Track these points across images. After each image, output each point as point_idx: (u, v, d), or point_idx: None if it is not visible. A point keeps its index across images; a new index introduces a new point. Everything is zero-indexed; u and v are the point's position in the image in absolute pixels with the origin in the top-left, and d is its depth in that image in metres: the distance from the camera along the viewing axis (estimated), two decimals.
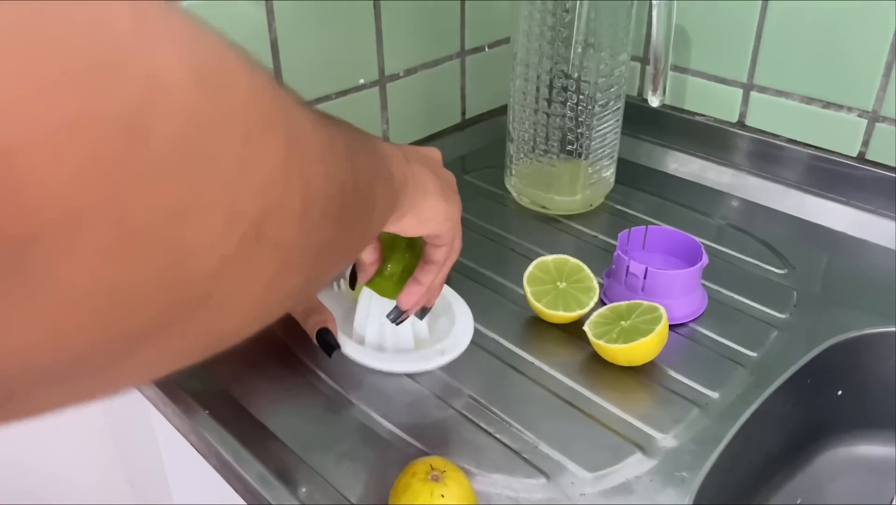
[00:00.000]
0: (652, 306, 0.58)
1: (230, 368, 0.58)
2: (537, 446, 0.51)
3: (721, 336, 0.61)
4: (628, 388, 0.56)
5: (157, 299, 0.17)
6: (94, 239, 0.15)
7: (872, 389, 0.64)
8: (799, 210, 0.79)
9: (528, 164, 0.78)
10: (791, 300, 0.65)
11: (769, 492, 0.63)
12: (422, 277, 0.51)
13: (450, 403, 0.55)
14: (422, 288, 0.51)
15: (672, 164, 0.88)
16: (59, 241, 0.14)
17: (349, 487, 0.48)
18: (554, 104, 0.73)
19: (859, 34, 0.73)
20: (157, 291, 0.17)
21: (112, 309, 0.16)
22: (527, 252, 0.72)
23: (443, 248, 0.49)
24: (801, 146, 0.81)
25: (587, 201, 0.79)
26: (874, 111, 0.75)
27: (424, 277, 0.51)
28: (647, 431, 0.52)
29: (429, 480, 0.43)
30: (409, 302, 0.52)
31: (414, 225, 0.44)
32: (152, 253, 0.16)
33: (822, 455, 0.66)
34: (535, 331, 0.62)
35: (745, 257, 0.71)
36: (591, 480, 0.48)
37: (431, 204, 0.44)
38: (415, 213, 0.43)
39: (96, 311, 0.16)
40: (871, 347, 0.62)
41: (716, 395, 0.55)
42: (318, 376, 0.57)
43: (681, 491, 0.48)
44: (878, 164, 0.76)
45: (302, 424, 0.53)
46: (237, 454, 0.50)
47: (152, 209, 0.16)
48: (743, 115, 0.85)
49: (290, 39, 0.73)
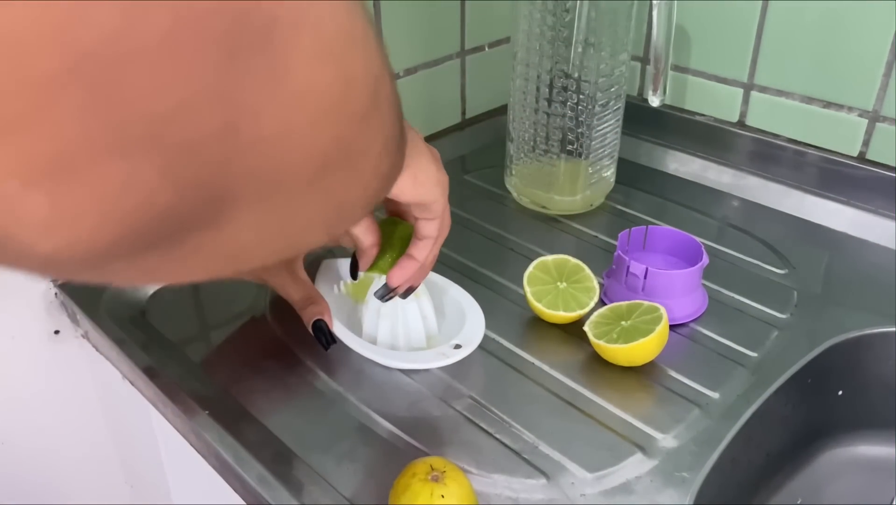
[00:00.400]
0: (652, 306, 0.58)
1: (230, 368, 0.58)
2: (537, 447, 0.51)
3: (721, 336, 0.61)
4: (628, 388, 0.56)
5: (344, 112, 0.19)
6: (310, 39, 0.17)
7: (872, 389, 0.64)
8: (799, 210, 0.79)
9: (529, 164, 0.78)
10: (791, 300, 0.65)
11: (769, 492, 0.63)
12: (415, 253, 0.51)
13: (450, 404, 0.55)
14: (416, 264, 0.52)
15: (672, 164, 0.88)
16: (291, 27, 0.16)
17: (349, 487, 0.48)
18: (554, 104, 0.73)
19: (860, 34, 0.73)
20: (345, 104, 0.19)
21: (324, 112, 0.18)
22: (527, 252, 0.72)
23: (434, 221, 0.50)
24: (801, 146, 0.81)
25: (587, 201, 0.79)
26: (875, 111, 0.75)
27: (419, 253, 0.51)
28: (648, 431, 0.52)
29: (429, 481, 0.43)
30: (401, 277, 0.52)
31: (409, 185, 0.45)
32: (342, 66, 0.18)
33: (822, 455, 0.66)
34: (536, 331, 0.62)
35: (745, 257, 0.71)
36: (592, 481, 0.48)
37: (425, 165, 0.45)
38: (411, 170, 0.44)
39: (316, 110, 0.18)
40: (872, 347, 0.62)
41: (716, 395, 0.55)
42: (318, 376, 0.57)
43: (681, 491, 0.48)
44: (879, 164, 0.76)
45: (302, 424, 0.53)
46: (237, 454, 0.50)
47: (339, 31, 0.18)
48: (743, 114, 0.85)
49: None
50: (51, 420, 0.71)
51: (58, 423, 0.72)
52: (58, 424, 0.72)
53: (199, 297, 0.67)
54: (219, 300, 0.66)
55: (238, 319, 0.64)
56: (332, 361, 0.58)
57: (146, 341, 0.61)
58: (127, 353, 0.59)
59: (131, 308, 0.65)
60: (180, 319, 0.64)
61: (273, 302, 0.65)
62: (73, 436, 0.73)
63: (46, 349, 0.68)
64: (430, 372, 0.57)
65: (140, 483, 0.79)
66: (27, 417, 0.70)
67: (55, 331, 0.68)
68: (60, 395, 0.71)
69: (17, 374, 0.68)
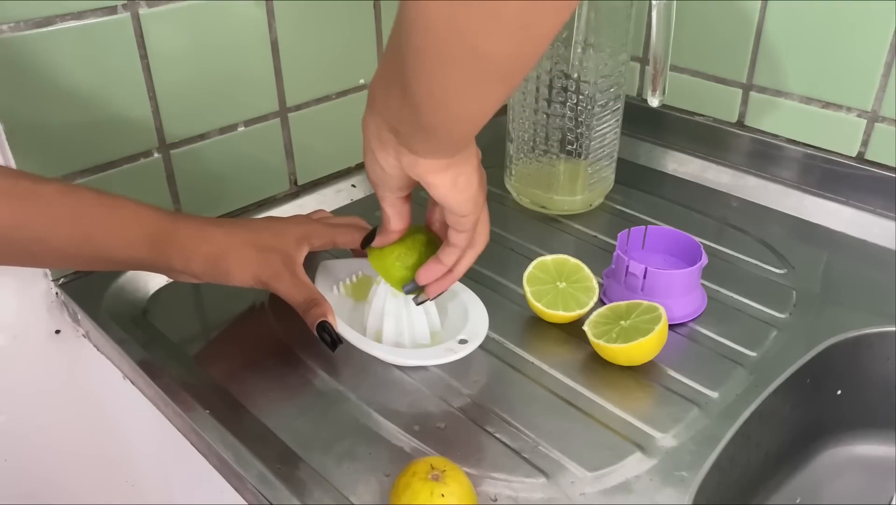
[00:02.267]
0: (651, 306, 0.58)
1: (231, 368, 0.58)
2: (537, 446, 0.51)
3: (720, 336, 0.61)
4: (628, 387, 0.56)
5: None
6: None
7: (872, 388, 0.64)
8: (798, 210, 0.79)
9: (528, 164, 0.78)
10: (790, 300, 0.65)
11: (768, 492, 0.63)
12: (444, 258, 0.53)
13: (450, 403, 0.55)
14: (443, 267, 0.53)
15: (672, 164, 0.88)
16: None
17: (349, 487, 0.48)
18: (554, 104, 0.73)
19: (859, 34, 0.73)
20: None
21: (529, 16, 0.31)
22: (527, 252, 0.72)
23: (464, 234, 0.51)
24: (800, 146, 0.81)
25: (587, 201, 0.79)
26: (873, 111, 0.75)
27: (447, 258, 0.53)
28: (647, 430, 0.52)
29: (429, 480, 0.43)
30: (427, 277, 0.53)
31: (448, 184, 0.46)
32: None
33: (821, 455, 0.66)
34: (535, 331, 0.62)
35: (744, 257, 0.72)
36: (591, 480, 0.48)
37: (469, 174, 0.47)
38: (454, 172, 0.46)
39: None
40: (871, 346, 0.62)
41: (715, 394, 0.55)
42: (318, 376, 0.57)
43: (680, 490, 0.48)
44: (878, 164, 0.76)
45: (302, 423, 0.53)
46: (238, 453, 0.50)
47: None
48: (742, 115, 0.85)
49: (290, 39, 0.73)
50: (52, 419, 0.71)
51: (59, 422, 0.72)
52: (59, 424, 0.72)
53: (200, 296, 0.67)
54: (220, 300, 0.66)
55: (239, 318, 0.64)
56: (332, 360, 0.58)
57: (147, 341, 0.61)
58: (128, 352, 0.59)
59: (132, 308, 0.65)
60: (181, 318, 0.64)
61: (273, 301, 0.65)
62: (74, 435, 0.73)
63: (47, 349, 0.68)
64: (429, 371, 0.58)
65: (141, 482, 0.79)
66: (28, 416, 0.70)
67: (56, 330, 0.68)
68: (61, 394, 0.71)
69: (18, 373, 0.68)
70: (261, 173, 0.77)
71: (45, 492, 0.74)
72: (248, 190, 0.77)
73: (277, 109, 0.76)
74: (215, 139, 0.72)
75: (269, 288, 0.58)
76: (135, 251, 0.55)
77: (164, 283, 0.67)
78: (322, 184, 0.83)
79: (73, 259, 0.55)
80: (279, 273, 0.57)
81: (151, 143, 0.68)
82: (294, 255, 0.59)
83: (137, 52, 0.64)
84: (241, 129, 0.74)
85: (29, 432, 0.70)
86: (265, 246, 0.58)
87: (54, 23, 0.58)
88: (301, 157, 0.80)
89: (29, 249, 0.51)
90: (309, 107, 0.78)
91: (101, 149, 0.65)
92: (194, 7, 0.65)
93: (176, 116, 0.68)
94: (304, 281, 0.58)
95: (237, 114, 0.73)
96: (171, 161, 0.70)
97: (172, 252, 0.56)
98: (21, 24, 0.57)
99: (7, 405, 0.68)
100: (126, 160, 0.67)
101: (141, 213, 0.55)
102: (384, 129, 0.45)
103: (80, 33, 0.60)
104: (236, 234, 0.58)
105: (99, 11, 0.60)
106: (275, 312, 0.64)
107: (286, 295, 0.57)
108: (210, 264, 0.57)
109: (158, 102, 0.67)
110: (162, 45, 0.65)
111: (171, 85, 0.67)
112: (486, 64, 0.34)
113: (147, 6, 0.63)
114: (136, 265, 0.57)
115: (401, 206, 0.52)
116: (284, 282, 0.57)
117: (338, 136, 0.82)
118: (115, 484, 0.79)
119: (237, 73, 0.71)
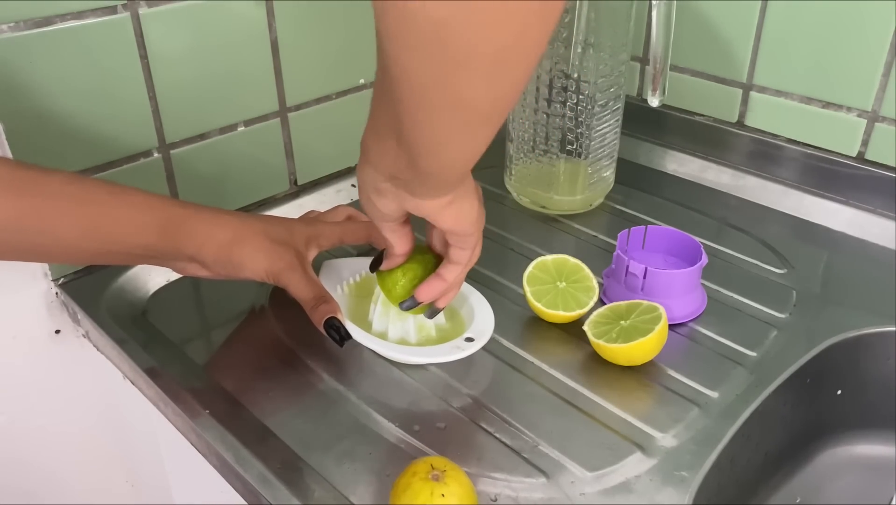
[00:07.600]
0: (651, 306, 0.58)
1: (231, 368, 0.58)
2: (537, 446, 0.51)
3: (720, 336, 0.61)
4: (628, 387, 0.56)
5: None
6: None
7: (872, 388, 0.64)
8: (798, 210, 0.79)
9: (528, 164, 0.78)
10: (790, 300, 0.65)
11: (768, 492, 0.63)
12: (445, 274, 0.54)
13: (450, 403, 0.55)
14: (444, 284, 0.54)
15: (672, 164, 0.88)
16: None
17: (349, 487, 0.48)
18: (554, 104, 0.73)
19: (859, 34, 0.73)
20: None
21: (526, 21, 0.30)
22: (526, 252, 0.72)
23: (465, 251, 0.53)
24: (800, 146, 0.81)
25: (587, 201, 0.79)
26: (873, 111, 0.75)
27: (448, 274, 0.54)
28: (647, 430, 0.52)
29: (429, 480, 0.43)
30: (428, 294, 0.54)
31: (453, 217, 0.48)
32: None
33: (821, 455, 0.66)
34: (535, 330, 0.62)
35: (744, 257, 0.72)
36: (591, 480, 0.48)
37: (469, 202, 0.49)
38: (458, 204, 0.47)
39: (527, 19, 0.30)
40: (871, 346, 0.62)
41: (715, 394, 0.55)
42: (318, 376, 0.57)
43: (680, 490, 0.48)
44: (878, 164, 0.76)
45: (303, 423, 0.53)
46: (237, 454, 0.50)
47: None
48: (742, 115, 0.85)
49: (290, 39, 0.73)
50: (51, 420, 0.71)
51: (58, 422, 0.72)
52: (58, 424, 0.72)
53: (200, 296, 0.67)
54: (220, 300, 0.66)
55: (239, 318, 0.64)
56: (332, 360, 0.58)
57: (147, 341, 0.61)
58: (128, 352, 0.59)
59: (132, 308, 0.65)
60: (181, 318, 0.64)
61: (273, 301, 0.65)
62: (73, 435, 0.73)
63: (47, 349, 0.68)
64: (430, 371, 0.58)
65: (141, 483, 0.80)
66: (28, 416, 0.70)
67: (56, 330, 0.68)
68: (61, 394, 0.71)
69: (17, 373, 0.68)
70: (261, 173, 0.78)
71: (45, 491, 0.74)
72: (247, 190, 0.77)
73: (277, 109, 0.76)
74: (215, 139, 0.72)
75: (279, 282, 0.57)
76: (144, 238, 0.54)
77: (164, 283, 0.67)
78: (322, 184, 0.83)
79: (80, 252, 0.54)
80: (292, 265, 0.57)
81: (151, 143, 0.68)
82: (304, 253, 0.59)
83: (137, 52, 0.64)
84: (241, 129, 0.74)
85: (29, 432, 0.70)
86: (278, 239, 0.58)
87: (54, 23, 0.58)
88: (301, 157, 0.80)
89: (35, 242, 0.51)
90: (309, 107, 0.78)
91: (101, 149, 0.65)
92: (194, 7, 0.65)
93: (176, 116, 0.68)
94: (313, 278, 0.58)
95: (237, 114, 0.73)
96: (171, 161, 0.70)
97: (184, 238, 0.55)
98: (21, 24, 0.57)
99: (7, 405, 0.68)
100: (126, 160, 0.67)
101: (151, 200, 0.55)
102: (380, 179, 0.46)
103: (80, 33, 0.60)
104: (251, 224, 0.58)
105: (99, 11, 0.60)
106: (275, 312, 0.64)
107: (296, 289, 0.57)
108: (224, 252, 0.56)
109: (158, 102, 0.67)
110: (162, 45, 0.65)
111: (171, 85, 0.67)
112: (471, 110, 0.35)
113: (147, 6, 0.63)
114: (145, 254, 0.56)
115: (401, 230, 0.53)
116: (296, 276, 0.57)
117: (338, 136, 0.82)
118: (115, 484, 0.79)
119: (237, 73, 0.71)
